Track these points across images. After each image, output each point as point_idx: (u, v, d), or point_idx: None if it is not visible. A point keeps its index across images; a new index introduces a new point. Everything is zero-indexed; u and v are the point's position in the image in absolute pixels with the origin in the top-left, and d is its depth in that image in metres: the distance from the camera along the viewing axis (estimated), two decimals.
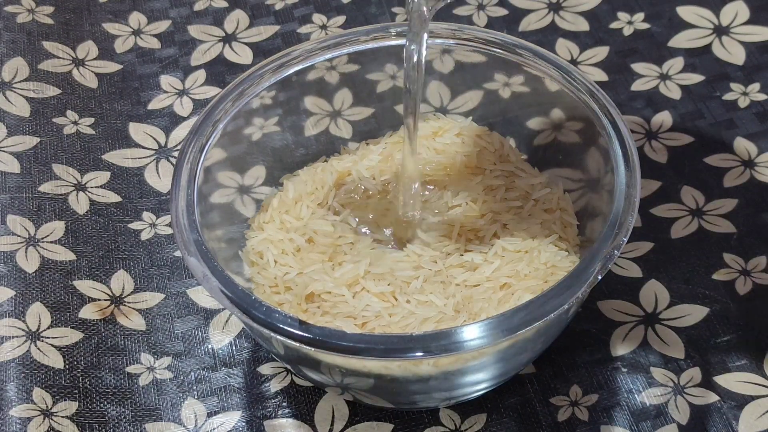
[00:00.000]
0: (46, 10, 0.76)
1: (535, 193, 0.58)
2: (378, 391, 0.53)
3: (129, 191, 0.66)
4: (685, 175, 0.64)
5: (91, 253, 0.62)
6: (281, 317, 0.48)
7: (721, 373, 0.56)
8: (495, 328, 0.47)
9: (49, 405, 0.55)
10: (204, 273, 0.50)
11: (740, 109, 0.67)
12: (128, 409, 0.56)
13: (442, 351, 0.47)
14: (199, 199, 0.54)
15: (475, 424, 0.55)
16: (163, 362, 0.58)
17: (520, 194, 0.58)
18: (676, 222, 0.62)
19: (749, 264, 0.60)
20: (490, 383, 0.54)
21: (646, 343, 0.57)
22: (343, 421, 0.55)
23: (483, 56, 0.60)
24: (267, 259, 0.56)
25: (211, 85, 0.72)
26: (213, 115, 0.57)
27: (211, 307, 0.60)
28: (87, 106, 0.70)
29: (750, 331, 0.57)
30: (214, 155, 0.56)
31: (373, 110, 0.64)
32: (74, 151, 0.67)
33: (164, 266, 0.62)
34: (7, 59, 0.72)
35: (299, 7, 0.76)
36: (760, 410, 0.54)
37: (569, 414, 0.55)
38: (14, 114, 0.68)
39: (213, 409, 0.56)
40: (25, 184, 0.65)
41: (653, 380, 0.56)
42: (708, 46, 0.71)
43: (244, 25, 0.75)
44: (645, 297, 0.59)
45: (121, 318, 0.60)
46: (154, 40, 0.75)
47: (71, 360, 0.57)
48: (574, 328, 0.57)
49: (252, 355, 0.58)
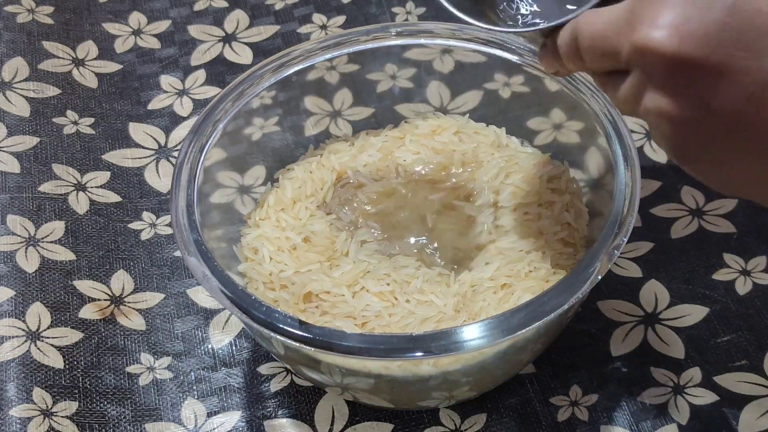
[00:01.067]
0: (46, 10, 0.76)
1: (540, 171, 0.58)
2: (378, 391, 0.53)
3: (129, 191, 0.66)
4: (685, 175, 0.64)
5: (91, 253, 0.62)
6: (281, 317, 0.48)
7: (721, 373, 0.56)
8: (495, 328, 0.47)
9: (49, 405, 0.55)
10: (204, 273, 0.50)
11: None
12: (128, 409, 0.56)
13: (442, 351, 0.47)
14: (199, 199, 0.54)
15: (475, 424, 0.55)
16: (163, 362, 0.58)
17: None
18: (676, 222, 0.62)
19: (749, 264, 0.60)
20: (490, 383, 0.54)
21: (646, 343, 0.57)
22: (343, 421, 0.55)
23: (483, 56, 0.60)
24: (262, 255, 0.56)
25: (211, 85, 0.72)
26: (213, 115, 0.57)
27: (211, 307, 0.60)
28: (87, 106, 0.70)
29: (750, 331, 0.57)
30: (214, 155, 0.56)
31: (373, 110, 0.64)
32: (74, 151, 0.67)
33: (164, 266, 0.62)
34: (7, 59, 0.72)
35: (299, 7, 0.76)
36: (760, 410, 0.54)
37: (569, 414, 0.55)
38: (14, 114, 0.68)
39: (213, 409, 0.56)
40: (25, 184, 0.65)
41: (653, 380, 0.56)
42: None
43: (244, 25, 0.75)
44: (645, 297, 0.59)
45: (121, 318, 0.60)
46: (154, 40, 0.75)
47: (71, 360, 0.57)
48: (574, 328, 0.57)
49: (252, 355, 0.58)
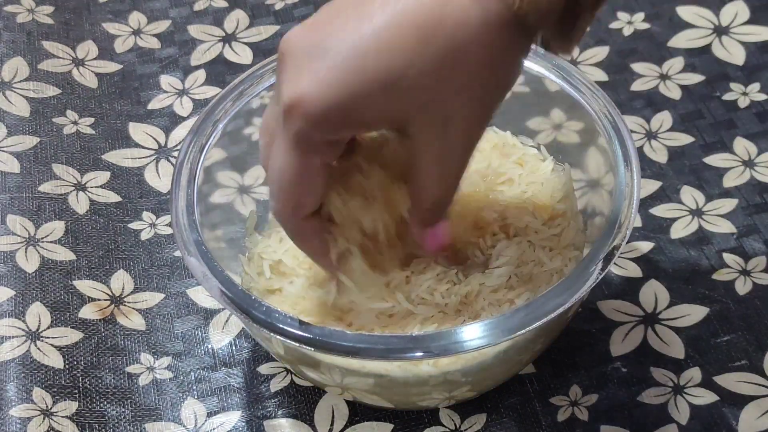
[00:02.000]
0: (46, 10, 0.76)
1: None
2: (378, 391, 0.53)
3: (129, 191, 0.66)
4: (685, 175, 0.64)
5: (91, 253, 0.62)
6: (281, 317, 0.48)
7: (721, 373, 0.56)
8: (495, 328, 0.47)
9: (49, 405, 0.55)
10: (204, 273, 0.50)
11: (740, 109, 0.67)
12: (128, 409, 0.56)
13: (442, 351, 0.47)
14: (199, 199, 0.54)
15: (475, 424, 0.55)
16: (163, 362, 0.58)
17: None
18: (676, 222, 0.62)
19: (749, 264, 0.60)
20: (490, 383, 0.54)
21: (646, 343, 0.57)
22: (343, 421, 0.55)
23: None
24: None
25: (211, 85, 0.72)
26: (213, 115, 0.57)
27: (211, 307, 0.60)
28: (87, 106, 0.70)
29: (750, 331, 0.57)
30: (214, 155, 0.56)
31: None
32: (74, 151, 0.67)
33: (164, 266, 0.62)
34: (7, 59, 0.72)
35: (299, 7, 0.76)
36: (760, 410, 0.54)
37: (569, 414, 0.55)
38: (14, 114, 0.68)
39: (213, 409, 0.56)
40: (25, 184, 0.65)
41: (653, 380, 0.56)
42: (708, 46, 0.71)
43: (244, 25, 0.75)
44: (645, 297, 0.59)
45: (121, 318, 0.60)
46: (154, 40, 0.75)
47: (71, 360, 0.57)
48: (574, 328, 0.57)
49: (252, 355, 0.58)
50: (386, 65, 0.43)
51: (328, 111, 0.44)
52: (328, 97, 0.43)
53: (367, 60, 0.43)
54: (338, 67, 0.43)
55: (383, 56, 0.43)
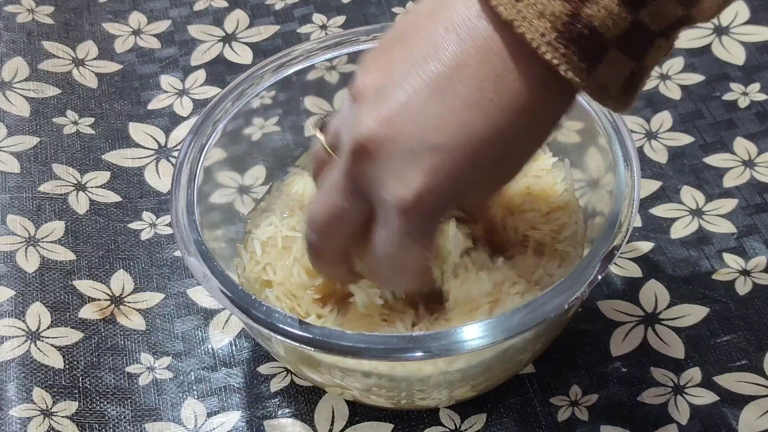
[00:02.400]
0: (46, 10, 0.76)
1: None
2: (378, 391, 0.53)
3: (129, 191, 0.66)
4: (685, 175, 0.64)
5: (91, 253, 0.62)
6: (281, 317, 0.48)
7: (721, 373, 0.56)
8: (495, 328, 0.47)
9: (49, 405, 0.55)
10: (204, 273, 0.50)
11: (740, 109, 0.67)
12: (128, 409, 0.56)
13: (442, 351, 0.47)
14: (199, 199, 0.54)
15: (475, 424, 0.55)
16: (163, 362, 0.58)
17: None
18: (676, 222, 0.62)
19: (749, 264, 0.60)
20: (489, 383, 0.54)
21: (646, 343, 0.57)
22: (343, 421, 0.55)
23: None
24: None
25: (211, 85, 0.72)
26: (213, 115, 0.57)
27: (211, 307, 0.60)
28: (87, 106, 0.70)
29: (750, 331, 0.57)
30: (214, 155, 0.56)
31: None
32: (74, 151, 0.67)
33: (164, 266, 0.62)
34: (7, 59, 0.72)
35: (299, 7, 0.76)
36: (760, 410, 0.54)
37: (569, 414, 0.55)
38: (14, 114, 0.68)
39: (213, 409, 0.56)
40: (25, 184, 0.65)
41: (653, 380, 0.56)
42: (708, 46, 0.71)
43: (244, 25, 0.75)
44: (645, 297, 0.59)
45: (121, 318, 0.60)
46: (154, 40, 0.75)
47: (71, 360, 0.57)
48: (574, 328, 0.57)
49: (252, 355, 0.58)
50: (492, 151, 0.44)
51: (449, 203, 0.46)
52: (447, 191, 0.44)
53: (480, 152, 0.44)
54: (452, 158, 0.44)
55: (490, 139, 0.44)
